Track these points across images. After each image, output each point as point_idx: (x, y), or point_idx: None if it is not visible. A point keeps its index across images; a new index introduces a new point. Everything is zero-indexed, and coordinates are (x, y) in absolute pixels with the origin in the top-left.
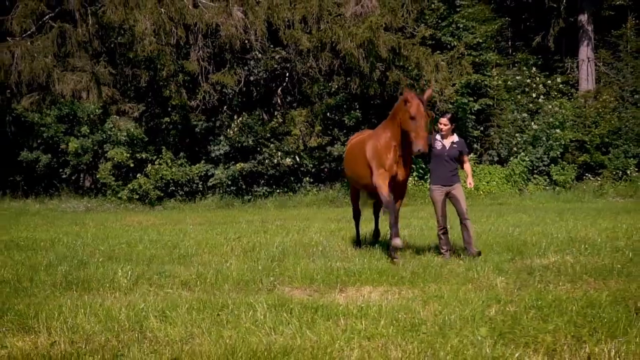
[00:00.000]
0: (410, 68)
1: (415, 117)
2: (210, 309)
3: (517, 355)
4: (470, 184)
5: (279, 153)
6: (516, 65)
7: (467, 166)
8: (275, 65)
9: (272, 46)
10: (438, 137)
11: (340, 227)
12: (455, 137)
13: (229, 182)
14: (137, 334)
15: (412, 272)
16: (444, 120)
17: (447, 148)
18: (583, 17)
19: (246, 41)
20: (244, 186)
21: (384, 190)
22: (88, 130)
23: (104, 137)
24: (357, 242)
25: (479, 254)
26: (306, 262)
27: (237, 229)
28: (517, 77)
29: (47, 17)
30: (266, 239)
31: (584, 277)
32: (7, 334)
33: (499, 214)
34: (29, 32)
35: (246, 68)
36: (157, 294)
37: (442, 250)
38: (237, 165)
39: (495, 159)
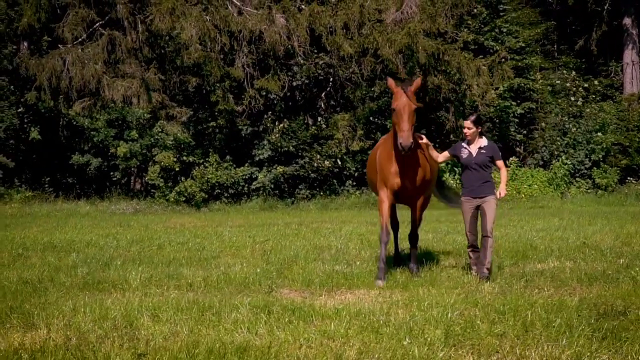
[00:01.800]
0: (452, 73)
1: (396, 109)
2: (197, 310)
3: (441, 355)
4: (500, 193)
5: (318, 156)
6: (559, 68)
7: (503, 172)
8: (319, 71)
9: (315, 52)
10: (464, 144)
11: (371, 230)
12: (483, 141)
13: (272, 186)
14: (126, 332)
15: (408, 276)
16: (467, 123)
17: (474, 155)
18: (627, 21)
19: (289, 47)
20: (287, 189)
21: (382, 218)
22: (137, 135)
23: (152, 141)
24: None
25: (488, 278)
26: (313, 265)
27: (269, 232)
28: (557, 82)
29: (97, 24)
30: (291, 241)
31: (571, 282)
32: (11, 330)
33: (532, 218)
34: (79, 40)
35: (290, 74)
36: (162, 294)
37: (473, 271)
38: (278, 169)
39: (540, 163)
